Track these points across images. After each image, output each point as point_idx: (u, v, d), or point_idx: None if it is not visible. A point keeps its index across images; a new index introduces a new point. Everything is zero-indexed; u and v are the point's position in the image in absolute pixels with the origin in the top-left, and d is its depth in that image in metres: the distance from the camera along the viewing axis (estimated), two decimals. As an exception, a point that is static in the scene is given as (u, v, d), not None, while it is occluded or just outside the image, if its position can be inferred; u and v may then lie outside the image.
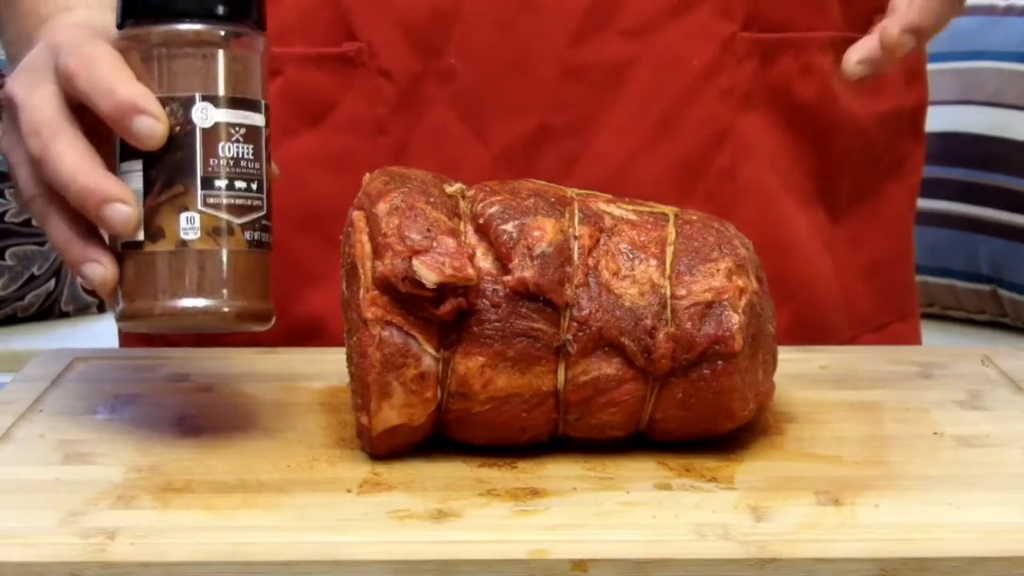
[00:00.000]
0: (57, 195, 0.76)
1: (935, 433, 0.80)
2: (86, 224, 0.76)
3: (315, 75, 0.98)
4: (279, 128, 0.98)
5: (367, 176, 0.79)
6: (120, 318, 0.77)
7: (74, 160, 0.75)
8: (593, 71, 0.96)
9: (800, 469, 0.75)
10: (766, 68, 0.99)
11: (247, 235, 0.76)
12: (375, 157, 0.96)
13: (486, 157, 0.96)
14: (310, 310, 0.99)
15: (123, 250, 0.76)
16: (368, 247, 0.75)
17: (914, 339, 1.11)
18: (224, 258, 0.75)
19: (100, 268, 0.76)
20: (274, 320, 0.79)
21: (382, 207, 0.75)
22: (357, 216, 0.77)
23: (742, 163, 0.98)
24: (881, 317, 1.08)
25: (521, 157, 0.96)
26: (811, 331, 1.02)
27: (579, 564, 0.64)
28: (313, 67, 0.98)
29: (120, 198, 0.74)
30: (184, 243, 0.75)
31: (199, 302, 0.75)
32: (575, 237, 0.76)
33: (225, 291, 0.75)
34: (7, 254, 2.30)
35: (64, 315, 2.40)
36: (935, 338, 2.13)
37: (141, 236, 0.75)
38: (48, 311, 2.38)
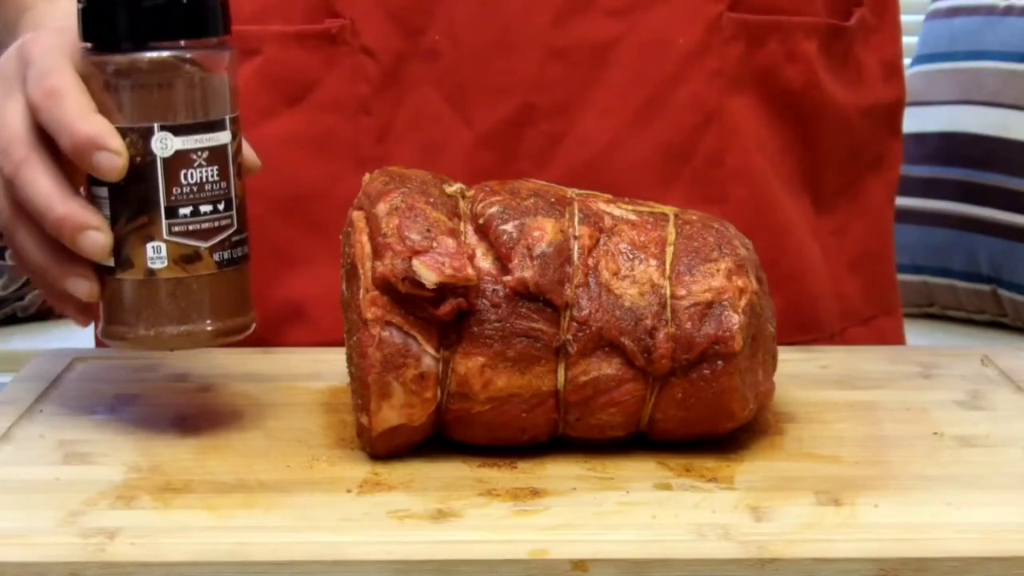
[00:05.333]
0: (29, 212, 0.77)
1: (935, 433, 0.80)
2: (59, 243, 0.77)
3: (296, 53, 0.96)
4: (259, 109, 0.96)
5: (367, 176, 0.79)
6: (102, 335, 0.78)
7: (47, 187, 0.76)
8: (577, 51, 0.95)
9: (800, 469, 0.75)
10: (752, 52, 0.98)
11: (216, 256, 0.76)
12: (357, 138, 0.96)
13: (470, 137, 0.95)
14: (290, 294, 0.98)
15: (98, 272, 0.77)
16: (368, 247, 0.75)
17: (898, 334, 1.11)
18: (194, 284, 0.76)
19: (86, 283, 0.77)
20: (254, 327, 0.79)
21: (382, 207, 0.75)
22: (357, 216, 0.77)
23: (730, 147, 0.98)
24: (867, 310, 1.07)
25: (505, 137, 0.95)
26: (803, 320, 1.01)
27: (579, 564, 0.64)
28: (294, 45, 0.96)
29: (94, 226, 0.75)
30: (152, 272, 0.75)
31: (172, 329, 0.76)
32: (575, 237, 0.75)
33: (198, 315, 0.76)
34: (7, 254, 2.30)
35: (64, 315, 2.40)
36: (935, 338, 2.13)
37: (112, 263, 0.76)
38: (48, 311, 2.37)
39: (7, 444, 0.78)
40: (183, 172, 0.75)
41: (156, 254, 0.75)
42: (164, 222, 0.75)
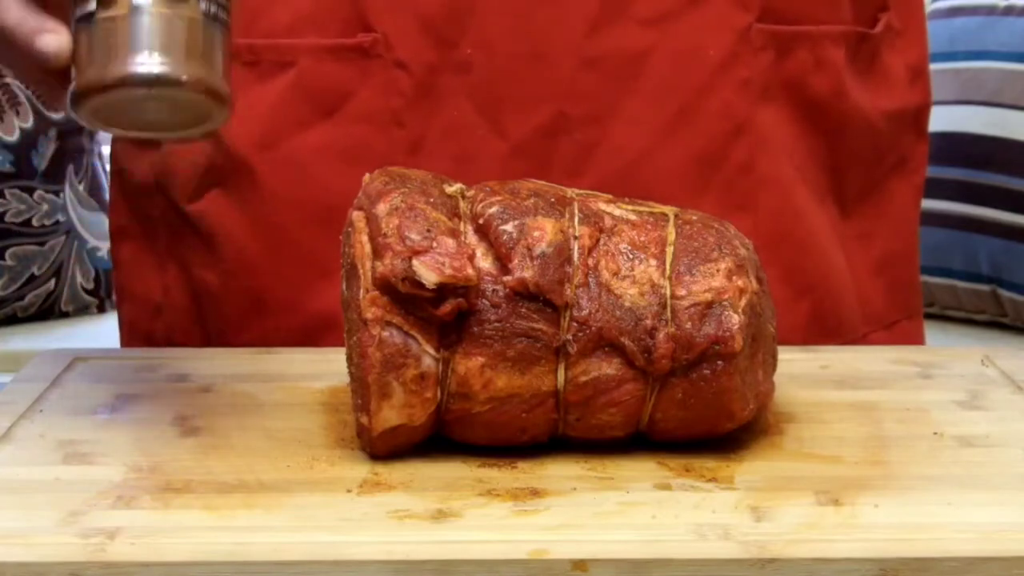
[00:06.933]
0: None
1: (935, 433, 0.80)
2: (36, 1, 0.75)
3: (330, 66, 0.97)
4: (294, 120, 0.97)
5: (367, 176, 0.79)
6: (72, 101, 0.74)
7: None
8: (610, 61, 0.96)
9: (800, 469, 0.75)
10: (781, 61, 0.99)
11: (203, 4, 0.73)
12: (390, 149, 0.96)
13: (502, 148, 0.96)
14: (325, 305, 0.98)
15: (76, 27, 0.74)
16: (368, 247, 0.75)
17: (919, 338, 1.11)
18: (178, 23, 0.73)
19: (55, 37, 0.74)
20: (231, 108, 0.75)
21: (382, 207, 0.75)
22: (357, 216, 0.77)
23: (759, 156, 0.98)
24: (891, 315, 1.08)
25: (537, 148, 0.96)
26: (827, 327, 1.02)
27: (579, 564, 0.64)
28: (328, 58, 0.97)
29: (49, 28, 0.74)
30: (137, 7, 0.72)
31: (152, 67, 0.72)
32: (575, 237, 0.76)
33: (180, 57, 0.72)
34: (7, 254, 2.30)
35: (64, 315, 2.40)
36: (935, 338, 2.13)
37: (93, 5, 0.73)
38: (48, 311, 2.37)
39: (7, 444, 0.78)
40: None
41: None
42: None
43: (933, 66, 2.23)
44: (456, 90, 0.96)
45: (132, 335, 1.06)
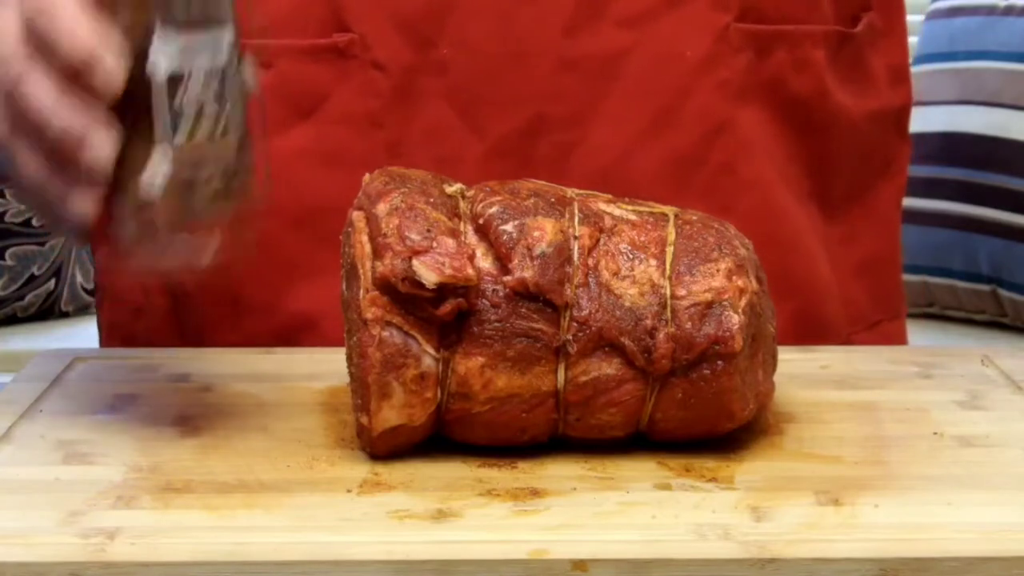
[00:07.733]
0: (29, 126, 0.74)
1: (935, 433, 0.80)
2: (62, 157, 0.74)
3: (307, 67, 0.97)
4: (271, 122, 0.96)
5: (367, 176, 0.79)
6: (123, 241, 0.76)
7: (49, 98, 0.73)
8: (589, 62, 0.95)
9: (800, 469, 0.75)
10: (761, 61, 0.98)
11: (218, 176, 0.74)
12: (369, 151, 0.96)
13: (481, 149, 0.96)
14: (303, 307, 0.98)
15: (101, 188, 0.74)
16: (368, 247, 0.75)
17: (902, 339, 1.11)
18: (196, 204, 0.74)
19: (83, 203, 0.74)
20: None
21: (382, 207, 0.75)
22: (357, 216, 0.77)
23: (740, 157, 0.98)
24: (873, 315, 1.08)
25: (516, 149, 0.96)
26: (812, 328, 1.02)
27: (579, 564, 0.64)
28: (305, 59, 0.97)
29: (99, 134, 0.73)
30: (153, 188, 0.73)
31: (175, 254, 0.74)
32: (575, 237, 0.76)
33: (200, 236, 0.74)
34: (7, 254, 2.30)
35: (64, 315, 2.40)
36: (935, 338, 2.13)
37: (115, 174, 0.74)
38: (48, 311, 2.37)
39: (7, 444, 0.78)
40: (183, 86, 0.73)
41: (158, 168, 0.73)
42: (164, 137, 0.73)
43: (933, 66, 2.24)
44: (434, 91, 0.95)
45: (112, 337, 1.06)
